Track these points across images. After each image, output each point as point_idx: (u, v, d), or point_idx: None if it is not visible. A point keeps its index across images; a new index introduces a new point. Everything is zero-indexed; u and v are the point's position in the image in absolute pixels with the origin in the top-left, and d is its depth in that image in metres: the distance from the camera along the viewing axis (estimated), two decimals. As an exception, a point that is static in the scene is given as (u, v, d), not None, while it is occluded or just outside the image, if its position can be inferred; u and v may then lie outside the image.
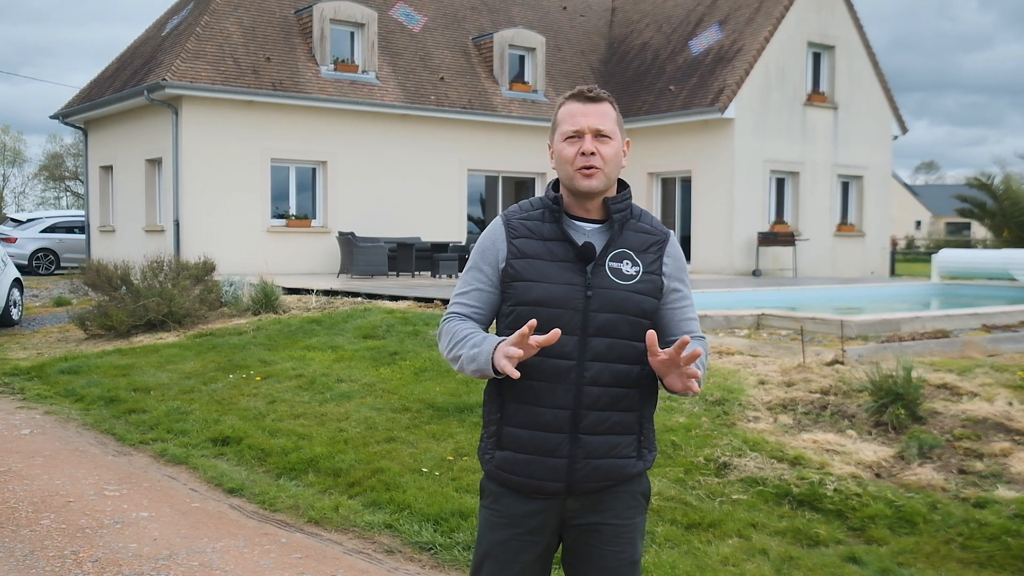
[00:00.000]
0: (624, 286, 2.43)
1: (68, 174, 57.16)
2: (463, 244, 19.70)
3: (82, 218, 24.81)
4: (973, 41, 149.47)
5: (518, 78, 23.07)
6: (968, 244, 47.75)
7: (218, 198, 18.49)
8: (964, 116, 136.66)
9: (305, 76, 19.48)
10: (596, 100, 2.48)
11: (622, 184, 2.57)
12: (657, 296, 2.48)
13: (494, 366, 2.31)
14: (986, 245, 32.63)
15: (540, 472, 2.43)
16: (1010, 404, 6.39)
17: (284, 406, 7.60)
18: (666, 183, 23.24)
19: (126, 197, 21.11)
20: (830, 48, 23.00)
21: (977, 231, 54.37)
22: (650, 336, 2.28)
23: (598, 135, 2.45)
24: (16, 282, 14.39)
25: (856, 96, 23.46)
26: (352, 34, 20.62)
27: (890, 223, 25.19)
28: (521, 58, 23.28)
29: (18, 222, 26.15)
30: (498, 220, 2.56)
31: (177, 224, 18.37)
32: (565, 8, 26.24)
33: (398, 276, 18.42)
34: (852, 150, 23.44)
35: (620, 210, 2.49)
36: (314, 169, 19.99)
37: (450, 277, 17.96)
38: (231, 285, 13.17)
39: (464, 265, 18.94)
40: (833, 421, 6.30)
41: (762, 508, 5.06)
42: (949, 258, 17.87)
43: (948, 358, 8.13)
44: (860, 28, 23.48)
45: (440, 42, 22.48)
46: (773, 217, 22.48)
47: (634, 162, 22.79)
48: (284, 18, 20.29)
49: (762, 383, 7.17)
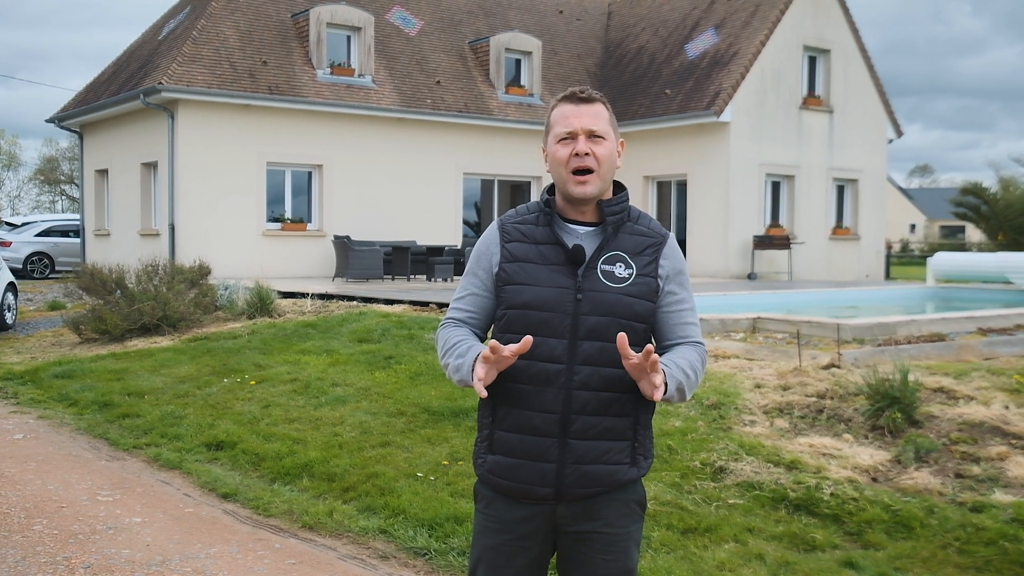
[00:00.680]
0: (616, 289, 2.39)
1: (64, 178, 57.12)
2: (459, 248, 19.69)
3: (77, 222, 24.75)
4: (967, 45, 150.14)
5: (514, 82, 23.08)
6: (963, 247, 47.80)
7: (214, 202, 18.46)
8: (958, 120, 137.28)
9: (301, 80, 19.47)
10: (589, 101, 2.45)
11: (619, 186, 2.54)
12: (652, 299, 2.44)
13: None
14: (981, 248, 32.70)
15: (529, 477, 2.41)
16: (1006, 408, 6.37)
17: (279, 410, 7.57)
18: (662, 187, 23.25)
19: (121, 201, 21.08)
20: (825, 52, 23.02)
21: (972, 234, 54.48)
22: (620, 339, 2.23)
23: (592, 136, 2.42)
24: (10, 286, 14.35)
25: (851, 100, 23.48)
26: (348, 38, 20.61)
27: (885, 226, 25.21)
28: (517, 62, 23.29)
29: (13, 226, 26.09)
30: (494, 224, 2.54)
31: (172, 228, 18.33)
32: (561, 12, 26.26)
33: (393, 280, 18.41)
34: (847, 154, 23.46)
35: (615, 212, 2.46)
36: (310, 173, 19.97)
37: (446, 281, 17.94)
38: (226, 289, 13.14)
39: (460, 268, 18.93)
40: (829, 425, 6.28)
41: (758, 513, 5.04)
42: (944, 261, 17.86)
43: (944, 361, 8.12)
44: (855, 32, 23.51)
45: (436, 46, 22.48)
46: (768, 220, 22.49)
47: (630, 166, 22.81)
48: (280, 22, 20.28)
49: (758, 387, 7.15)
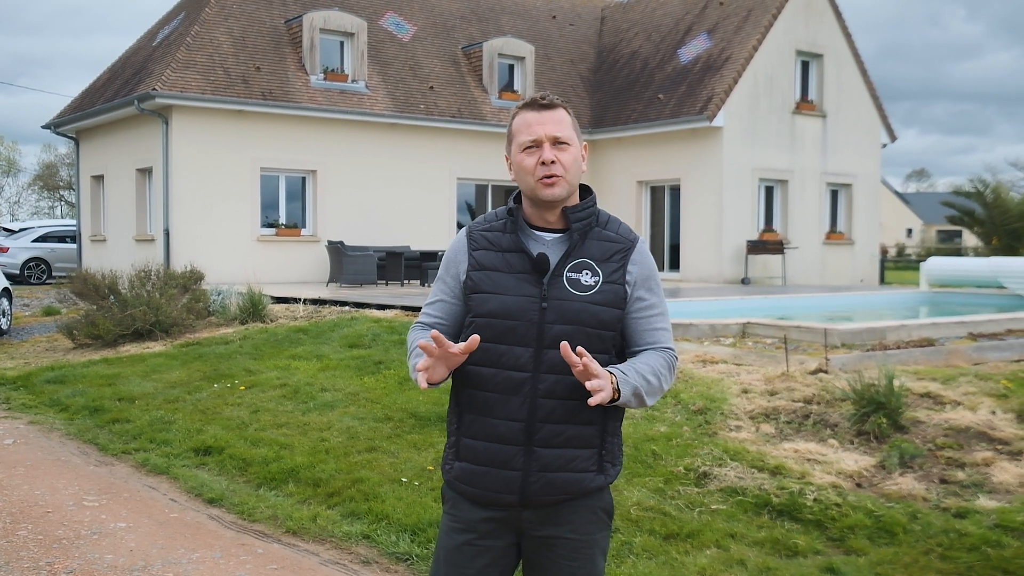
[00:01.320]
0: (582, 297, 2.39)
1: (62, 184, 57.12)
2: (453, 253, 19.68)
3: (74, 227, 24.76)
4: (962, 50, 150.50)
5: (507, 87, 23.11)
6: (959, 252, 47.84)
7: (208, 207, 18.46)
8: (953, 124, 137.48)
9: (295, 85, 19.49)
10: (550, 107, 2.45)
11: (587, 191, 2.52)
12: (619, 306, 2.43)
13: None
14: (977, 253, 32.72)
15: (494, 484, 2.42)
16: (993, 413, 6.38)
17: (267, 415, 7.58)
18: (655, 191, 23.27)
19: (117, 206, 21.08)
20: (818, 56, 23.07)
21: (968, 239, 54.52)
22: (563, 347, 2.24)
23: (556, 143, 2.42)
24: (5, 291, 14.35)
25: (845, 104, 23.52)
26: (342, 43, 20.63)
27: (879, 231, 25.23)
28: (510, 67, 23.33)
29: (10, 232, 26.09)
30: (463, 231, 2.55)
31: (167, 233, 18.34)
32: (555, 17, 26.29)
33: (387, 285, 18.41)
34: (841, 158, 23.49)
35: (581, 219, 2.46)
36: (304, 178, 19.98)
37: (440, 286, 17.92)
38: (219, 294, 13.15)
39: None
40: (815, 430, 6.28)
41: (741, 518, 5.05)
42: (937, 266, 17.81)
43: (933, 367, 8.12)
44: (848, 37, 23.55)
45: (430, 51, 22.51)
46: (762, 225, 22.51)
47: (623, 170, 22.84)
48: (274, 28, 20.30)
49: (745, 392, 7.16)
